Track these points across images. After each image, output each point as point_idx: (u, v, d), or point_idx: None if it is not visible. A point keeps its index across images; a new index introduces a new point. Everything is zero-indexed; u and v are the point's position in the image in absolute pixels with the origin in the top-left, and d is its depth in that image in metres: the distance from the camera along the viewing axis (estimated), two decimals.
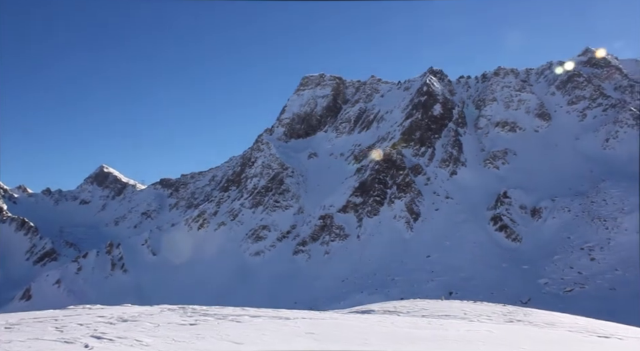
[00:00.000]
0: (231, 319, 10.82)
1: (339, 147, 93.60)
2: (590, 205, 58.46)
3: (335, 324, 11.74)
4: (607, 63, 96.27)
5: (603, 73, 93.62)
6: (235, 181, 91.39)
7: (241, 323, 10.44)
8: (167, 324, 9.58)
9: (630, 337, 13.05)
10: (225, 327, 9.70)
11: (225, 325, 10.01)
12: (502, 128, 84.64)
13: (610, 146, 73.44)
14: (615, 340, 11.91)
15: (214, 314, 11.65)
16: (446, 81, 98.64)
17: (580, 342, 11.19)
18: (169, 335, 8.28)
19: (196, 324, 9.83)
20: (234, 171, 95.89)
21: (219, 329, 9.26)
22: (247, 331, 9.28)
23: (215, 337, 8.44)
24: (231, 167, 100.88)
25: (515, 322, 15.94)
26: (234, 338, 8.42)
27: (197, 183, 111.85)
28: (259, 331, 9.41)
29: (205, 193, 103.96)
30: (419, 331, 11.00)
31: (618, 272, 45.88)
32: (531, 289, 46.18)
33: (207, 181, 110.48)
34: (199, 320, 10.41)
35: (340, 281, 57.33)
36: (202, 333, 8.67)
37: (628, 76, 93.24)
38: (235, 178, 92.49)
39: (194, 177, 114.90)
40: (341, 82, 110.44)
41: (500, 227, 60.57)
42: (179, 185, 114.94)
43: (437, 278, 51.78)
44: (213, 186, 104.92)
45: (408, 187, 71.13)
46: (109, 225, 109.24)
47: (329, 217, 70.44)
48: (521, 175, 71.57)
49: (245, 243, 73.31)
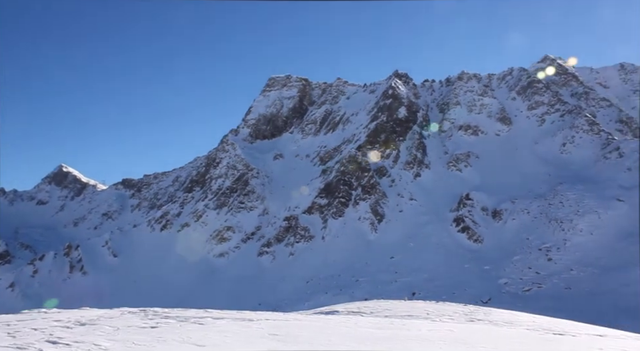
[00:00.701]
0: (194, 322, 10.66)
1: (304, 149, 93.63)
2: (548, 207, 60.22)
3: (298, 325, 11.73)
4: (564, 70, 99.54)
5: (560, 80, 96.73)
6: (199, 181, 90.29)
7: (203, 325, 10.30)
8: (127, 327, 9.37)
9: (582, 334, 13.52)
10: (187, 329, 9.55)
11: (187, 327, 9.86)
12: (465, 131, 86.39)
13: (567, 150, 75.87)
14: (569, 337, 12.31)
15: (176, 316, 11.46)
16: (411, 85, 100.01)
17: (537, 340, 11.51)
18: (129, 339, 8.10)
19: (157, 327, 9.64)
20: (198, 171, 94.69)
21: (181, 332, 9.11)
22: (210, 334, 9.17)
23: (176, 340, 8.31)
24: (195, 168, 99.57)
25: (476, 321, 16.25)
26: (196, 341, 8.30)
27: (160, 184, 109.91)
28: (221, 333, 9.31)
29: (169, 194, 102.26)
30: (381, 332, 11.09)
31: (573, 272, 47.39)
32: (492, 289, 47.21)
33: (170, 182, 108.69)
34: (161, 323, 10.22)
35: (304, 282, 57.32)
36: (163, 336, 8.51)
37: (583, 83, 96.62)
38: (199, 179, 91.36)
39: (157, 178, 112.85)
40: (307, 83, 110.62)
41: (462, 228, 61.73)
42: (142, 185, 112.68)
43: (401, 279, 52.37)
44: (176, 187, 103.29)
45: (373, 189, 71.76)
46: (68, 227, 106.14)
47: (294, 218, 70.36)
48: (482, 177, 73.18)
49: (209, 245, 72.48)
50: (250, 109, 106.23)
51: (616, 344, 11.12)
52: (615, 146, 70.86)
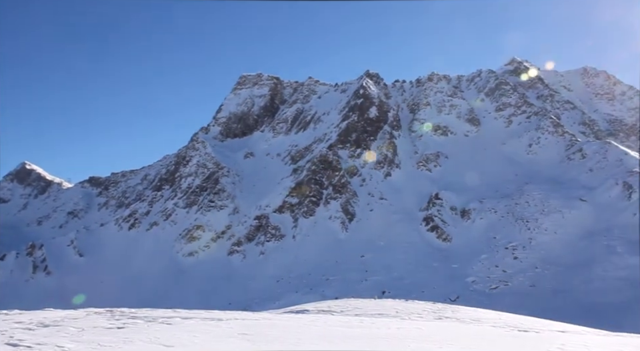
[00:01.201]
0: (162, 322, 10.52)
1: (275, 147, 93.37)
2: (514, 207, 61.52)
3: (268, 324, 11.70)
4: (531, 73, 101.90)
5: (526, 83, 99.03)
6: (169, 180, 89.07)
7: (171, 325, 10.18)
8: (93, 328, 9.18)
9: (545, 330, 13.89)
10: (154, 329, 9.42)
11: (155, 327, 9.72)
12: (434, 132, 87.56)
13: (533, 151, 77.70)
14: (533, 334, 12.62)
15: (144, 317, 11.28)
16: (382, 85, 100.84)
17: (502, 337, 11.76)
18: (94, 340, 7.93)
19: (124, 327, 9.48)
20: (168, 170, 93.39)
21: (149, 332, 8.97)
22: (178, 334, 9.06)
23: (143, 340, 8.18)
24: (165, 166, 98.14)
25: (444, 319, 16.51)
26: (164, 341, 8.19)
27: (128, 182, 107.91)
28: (190, 333, 9.21)
29: (137, 192, 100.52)
30: (351, 330, 11.16)
31: (538, 270, 48.54)
32: (460, 287, 47.95)
33: (139, 180, 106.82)
34: (128, 323, 10.05)
35: (275, 281, 57.16)
36: (130, 337, 8.37)
37: (548, 86, 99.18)
38: (168, 177, 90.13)
39: (125, 176, 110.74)
40: (279, 82, 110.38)
41: (431, 227, 62.53)
42: (109, 183, 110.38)
43: (371, 278, 52.73)
44: (145, 185, 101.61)
45: (344, 188, 72.06)
46: (31, 225, 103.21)
47: (264, 217, 70.09)
48: (451, 177, 74.28)
49: (178, 244, 71.55)
50: (221, 107, 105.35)
51: (577, 340, 11.45)
52: (578, 147, 72.89)
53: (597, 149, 69.81)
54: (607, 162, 65.75)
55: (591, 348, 9.71)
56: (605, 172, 63.66)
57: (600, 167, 65.43)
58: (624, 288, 40.26)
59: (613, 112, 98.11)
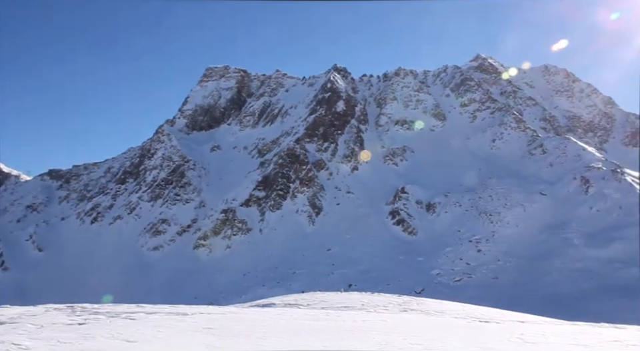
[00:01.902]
0: (125, 317, 10.33)
1: (242, 141, 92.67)
2: (478, 201, 62.82)
3: (234, 318, 11.64)
4: (495, 69, 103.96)
5: (490, 79, 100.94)
6: (133, 173, 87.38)
7: (135, 320, 10.01)
8: (52, 325, 8.94)
9: (506, 321, 14.27)
10: (117, 325, 9.24)
11: (118, 323, 9.54)
12: (401, 126, 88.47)
13: (496, 146, 79.39)
14: (494, 324, 12.95)
15: (106, 312, 11.05)
16: (349, 79, 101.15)
17: (464, 327, 12.01)
18: (53, 337, 7.72)
19: (85, 324, 9.26)
20: (132, 162, 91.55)
21: (111, 328, 8.79)
22: (142, 329, 8.91)
23: (105, 336, 8.01)
24: (129, 159, 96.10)
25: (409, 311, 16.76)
26: (126, 336, 8.04)
27: (90, 175, 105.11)
28: (154, 328, 9.07)
29: (100, 186, 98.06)
30: (317, 323, 11.20)
31: (500, 262, 49.77)
32: (425, 279, 48.75)
33: (102, 173, 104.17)
34: (89, 319, 9.83)
35: (242, 275, 56.90)
36: (91, 333, 8.18)
37: (512, 82, 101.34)
38: (132, 170, 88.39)
39: (87, 168, 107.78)
40: (246, 75, 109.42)
41: (397, 221, 63.27)
42: (70, 176, 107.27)
43: (338, 271, 53.05)
44: (108, 178, 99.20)
45: (311, 182, 72.12)
46: None
47: (231, 211, 69.57)
48: (417, 171, 75.24)
49: (142, 238, 70.38)
50: (186, 99, 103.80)
51: (535, 329, 11.80)
52: (539, 143, 74.86)
53: (556, 145, 71.86)
54: (566, 157, 67.77)
55: (548, 337, 10.01)
56: (564, 167, 65.62)
57: (559, 162, 67.38)
58: (580, 279, 41.72)
59: (572, 109, 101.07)
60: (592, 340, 9.62)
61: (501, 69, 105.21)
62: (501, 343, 8.76)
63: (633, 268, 41.32)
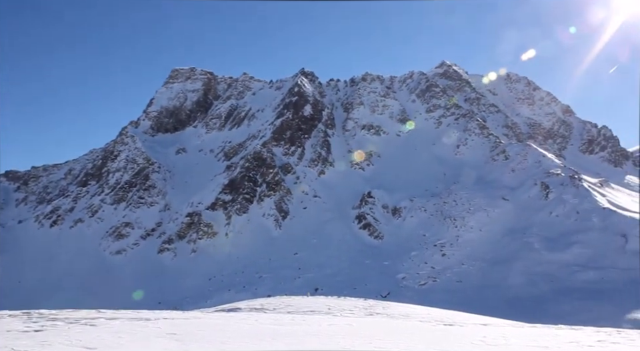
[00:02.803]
0: (84, 323, 10.07)
1: (208, 143, 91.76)
2: (443, 206, 63.83)
3: (198, 323, 11.50)
4: (459, 76, 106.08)
5: (455, 85, 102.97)
6: (95, 175, 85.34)
7: (95, 326, 9.77)
8: (6, 332, 8.63)
9: (469, 323, 14.55)
10: (76, 331, 8.99)
11: (77, 329, 9.28)
12: (368, 131, 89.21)
13: (460, 152, 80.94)
14: (457, 327, 13.19)
15: (64, 318, 10.75)
16: (317, 83, 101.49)
17: (429, 331, 12.18)
18: (7, 345, 7.45)
19: (42, 330, 8.98)
20: (94, 164, 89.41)
21: (69, 335, 8.54)
22: (102, 335, 8.70)
23: (63, 343, 7.77)
24: (91, 161, 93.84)
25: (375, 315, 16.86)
26: (86, 343, 7.83)
27: (50, 177, 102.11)
28: (115, 334, 8.87)
29: (60, 188, 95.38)
30: (282, 328, 11.17)
31: (464, 266, 50.63)
32: (391, 283, 49.14)
33: (62, 175, 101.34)
34: (46, 326, 9.53)
35: (207, 279, 56.22)
36: (48, 340, 7.94)
37: (475, 90, 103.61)
38: (95, 172, 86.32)
39: (47, 170, 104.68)
40: (213, 77, 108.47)
41: (364, 225, 63.67)
42: (29, 178, 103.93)
43: (304, 275, 53.00)
44: (69, 180, 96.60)
45: (277, 186, 71.92)
46: None
47: (196, 214, 68.71)
48: (384, 176, 75.99)
49: (105, 242, 68.74)
50: (151, 100, 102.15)
51: (496, 332, 12.07)
52: (501, 149, 76.68)
53: (518, 151, 73.76)
54: (527, 163, 69.60)
55: (509, 339, 10.25)
56: (525, 173, 67.36)
57: (521, 168, 69.14)
58: (540, 282, 42.83)
59: (533, 116, 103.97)
60: (550, 342, 9.90)
61: (465, 76, 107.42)
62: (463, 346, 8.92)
63: (590, 271, 42.70)
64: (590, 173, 75.01)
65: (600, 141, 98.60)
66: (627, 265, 42.42)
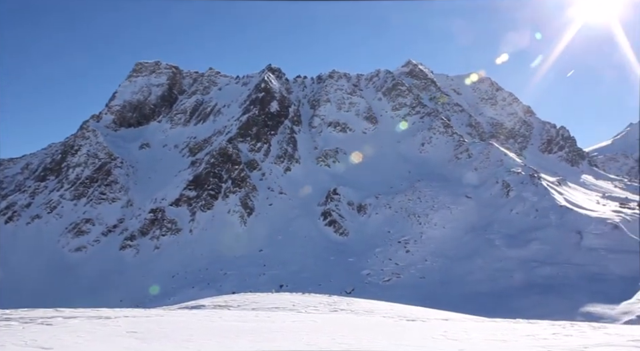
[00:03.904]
0: (40, 323, 9.79)
1: (173, 139, 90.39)
2: (407, 203, 64.66)
3: (160, 321, 11.34)
4: (425, 75, 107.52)
5: (420, 84, 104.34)
6: (54, 170, 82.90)
7: (52, 326, 9.50)
8: None
9: (431, 319, 14.83)
10: (31, 331, 8.72)
11: (32, 329, 9.01)
12: (334, 128, 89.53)
13: (425, 150, 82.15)
14: (419, 322, 13.41)
15: (19, 318, 10.41)
16: (283, 80, 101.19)
17: (392, 326, 12.36)
18: None
19: None
20: (53, 159, 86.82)
21: (24, 335, 8.27)
22: (59, 335, 8.46)
23: (17, 343, 7.51)
24: (50, 155, 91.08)
25: (339, 311, 16.98)
26: (41, 343, 7.59)
27: (5, 171, 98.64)
28: (73, 333, 8.65)
29: (17, 183, 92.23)
30: (246, 324, 11.14)
31: (427, 262, 51.44)
32: (355, 280, 49.49)
33: (18, 170, 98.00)
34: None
35: (170, 276, 55.43)
36: (1, 341, 7.66)
37: (440, 89, 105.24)
38: (54, 167, 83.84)
39: (2, 165, 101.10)
40: (178, 72, 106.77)
41: (329, 222, 63.91)
42: None
43: (269, 272, 52.85)
44: (26, 175, 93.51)
45: (243, 182, 71.46)
46: None
47: (160, 210, 67.64)
48: (349, 173, 76.45)
49: (64, 238, 66.93)
50: (114, 94, 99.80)
51: (458, 326, 12.33)
52: (465, 148, 78.19)
53: (481, 150, 75.37)
54: (489, 162, 71.21)
55: (470, 334, 10.50)
56: (487, 171, 68.92)
57: (483, 167, 70.69)
58: (500, 278, 43.92)
59: (495, 116, 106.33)
60: (508, 335, 10.18)
61: (430, 75, 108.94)
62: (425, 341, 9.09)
63: (547, 267, 44.03)
64: (548, 171, 77.30)
65: (558, 141, 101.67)
66: (581, 261, 43.99)
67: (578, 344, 7.82)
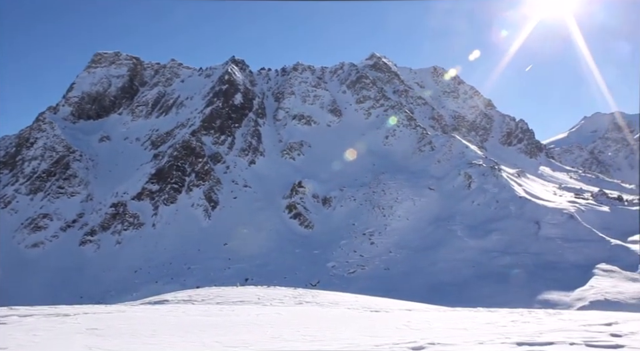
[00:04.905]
0: None
1: (134, 131, 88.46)
2: (372, 195, 65.25)
3: (121, 317, 11.14)
4: (388, 68, 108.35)
5: (384, 77, 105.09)
6: (8, 163, 79.96)
7: (6, 324, 9.20)
8: None
9: (395, 309, 15.07)
10: None
11: None
12: (299, 121, 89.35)
13: (389, 143, 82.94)
14: (383, 313, 13.61)
15: None
16: (247, 72, 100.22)
17: (356, 318, 12.49)
18: None
19: None
20: (7, 152, 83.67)
21: None
22: (14, 334, 8.18)
23: None
24: (4, 148, 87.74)
25: (304, 304, 17.06)
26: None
27: None
28: (29, 332, 8.38)
29: None
30: (210, 319, 11.06)
31: (391, 254, 52.16)
32: (321, 272, 49.79)
33: None
34: None
35: (133, 271, 54.49)
36: None
37: (404, 82, 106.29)
38: (8, 160, 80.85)
39: None
40: (139, 63, 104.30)
41: (294, 215, 63.93)
42: None
43: (234, 265, 52.59)
44: None
45: (207, 175, 70.66)
46: None
47: (121, 204, 66.24)
48: (314, 166, 76.51)
49: (19, 234, 64.76)
50: (72, 85, 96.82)
51: (421, 317, 12.57)
52: (428, 140, 79.34)
53: (443, 142, 76.64)
54: (451, 154, 72.50)
55: (432, 323, 10.71)
56: (450, 163, 70.16)
57: (446, 159, 71.92)
58: (462, 268, 44.94)
59: (457, 109, 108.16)
60: (469, 324, 10.44)
61: (394, 68, 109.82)
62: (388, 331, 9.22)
63: (507, 256, 45.31)
64: (508, 163, 79.32)
65: (517, 133, 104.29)
66: (538, 250, 45.45)
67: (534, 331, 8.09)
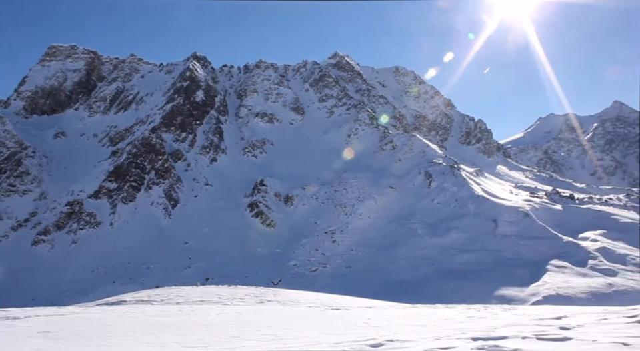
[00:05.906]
0: None
1: (91, 128, 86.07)
2: (334, 193, 65.54)
3: (76, 319, 10.83)
4: (351, 67, 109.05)
5: (347, 76, 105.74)
6: None
7: None
8: None
9: (355, 307, 15.20)
10: None
11: None
12: (261, 119, 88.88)
13: (351, 141, 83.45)
14: (344, 311, 13.71)
15: None
16: (209, 69, 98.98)
17: (317, 316, 12.53)
18: None
19: None
20: None
21: None
22: None
23: None
24: None
25: (266, 302, 17.01)
26: None
27: None
28: None
29: None
30: (169, 319, 10.89)
31: (353, 252, 52.50)
32: (282, 270, 49.67)
33: None
34: None
35: (89, 272, 52.99)
36: None
37: (366, 81, 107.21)
38: None
39: None
40: (97, 57, 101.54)
41: (256, 213, 63.56)
42: None
43: (195, 264, 51.86)
44: None
45: (167, 173, 69.43)
46: None
47: (77, 203, 64.31)
48: (276, 164, 76.28)
49: None
50: (24, 79, 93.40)
51: (381, 313, 12.72)
52: (389, 139, 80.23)
53: (405, 141, 77.68)
54: (412, 153, 73.57)
55: (392, 320, 10.85)
56: (410, 162, 71.17)
57: (407, 158, 72.91)
58: (422, 265, 45.65)
59: (418, 109, 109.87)
60: (428, 320, 10.63)
61: (357, 67, 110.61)
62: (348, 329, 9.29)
63: (465, 254, 46.29)
64: (467, 162, 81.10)
65: (476, 133, 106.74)
66: (495, 247, 46.62)
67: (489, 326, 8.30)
